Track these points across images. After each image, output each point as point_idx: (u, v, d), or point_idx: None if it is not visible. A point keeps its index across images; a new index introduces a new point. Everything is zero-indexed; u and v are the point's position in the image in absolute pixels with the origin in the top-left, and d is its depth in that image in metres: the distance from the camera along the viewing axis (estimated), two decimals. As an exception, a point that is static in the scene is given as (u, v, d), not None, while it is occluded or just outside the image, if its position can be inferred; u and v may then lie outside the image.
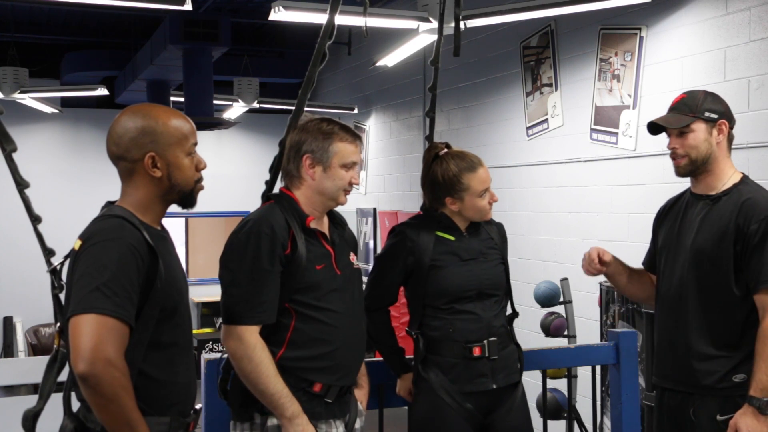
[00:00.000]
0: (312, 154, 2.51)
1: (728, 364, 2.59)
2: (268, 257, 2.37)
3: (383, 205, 8.72)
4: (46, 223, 2.53)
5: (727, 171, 2.69)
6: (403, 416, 3.15)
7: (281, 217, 2.45)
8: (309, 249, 2.45)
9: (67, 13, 8.74)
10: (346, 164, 2.52)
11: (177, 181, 2.11)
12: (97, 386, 1.84)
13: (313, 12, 4.31)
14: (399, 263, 2.81)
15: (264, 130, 10.89)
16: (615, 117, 5.28)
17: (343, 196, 2.56)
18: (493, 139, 6.51)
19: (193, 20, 7.18)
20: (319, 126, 2.54)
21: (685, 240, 2.69)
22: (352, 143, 2.54)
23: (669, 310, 2.73)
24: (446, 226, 2.85)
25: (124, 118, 2.10)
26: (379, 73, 8.32)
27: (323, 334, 2.45)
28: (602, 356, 3.25)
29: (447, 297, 2.76)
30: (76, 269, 1.95)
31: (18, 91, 7.36)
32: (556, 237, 5.90)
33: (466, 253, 2.81)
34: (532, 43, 6.12)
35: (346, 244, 2.64)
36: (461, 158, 2.85)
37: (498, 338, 2.78)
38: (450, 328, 2.75)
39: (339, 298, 2.49)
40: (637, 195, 5.13)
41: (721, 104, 2.70)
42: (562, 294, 4.90)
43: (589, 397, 3.52)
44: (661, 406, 2.79)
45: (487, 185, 2.82)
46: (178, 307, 2.09)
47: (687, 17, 4.74)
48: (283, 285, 2.41)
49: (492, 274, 2.83)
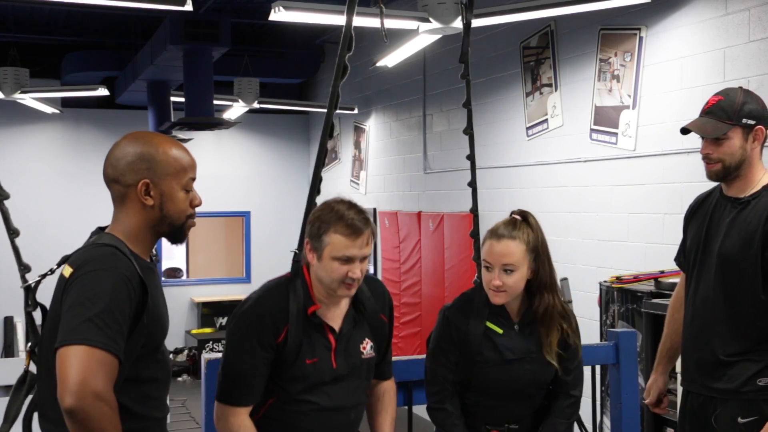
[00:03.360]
0: (311, 241, 2.39)
1: (753, 368, 2.55)
2: (256, 342, 2.34)
3: (383, 205, 8.72)
4: (47, 223, 2.54)
5: (758, 173, 2.61)
6: (403, 416, 3.15)
7: (283, 301, 2.38)
8: (304, 341, 2.38)
9: (67, 13, 8.74)
10: (338, 258, 2.33)
11: (169, 213, 2.05)
12: (85, 421, 1.77)
13: (313, 12, 4.31)
14: (449, 351, 2.63)
15: (264, 130, 10.90)
16: (615, 117, 5.28)
17: (343, 290, 2.36)
18: (493, 139, 6.51)
19: (193, 20, 7.18)
20: (323, 211, 2.40)
21: (713, 244, 2.63)
22: (351, 236, 2.33)
23: (695, 314, 2.68)
24: (496, 314, 2.63)
25: (125, 142, 2.06)
26: (379, 74, 8.33)
27: (298, 424, 2.41)
28: (602, 356, 3.25)
29: (483, 390, 2.62)
30: (67, 297, 1.89)
31: (19, 91, 7.35)
32: (556, 237, 5.90)
33: (510, 352, 2.60)
34: (532, 44, 6.12)
35: (362, 331, 2.50)
36: (493, 232, 2.63)
37: (522, 423, 2.66)
38: (474, 409, 2.65)
39: (326, 394, 2.42)
40: (636, 195, 5.14)
41: (758, 105, 2.60)
42: (562, 294, 4.90)
43: (589, 397, 3.52)
44: (685, 408, 2.76)
45: (494, 259, 2.56)
46: (160, 345, 2.06)
47: (686, 17, 4.75)
48: (272, 370, 2.38)
49: (537, 374, 2.62)
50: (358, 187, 9.33)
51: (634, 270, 4.63)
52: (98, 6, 6.34)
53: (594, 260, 5.49)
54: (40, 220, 9.43)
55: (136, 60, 8.74)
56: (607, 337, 3.50)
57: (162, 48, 7.51)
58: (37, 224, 9.02)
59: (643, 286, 4.30)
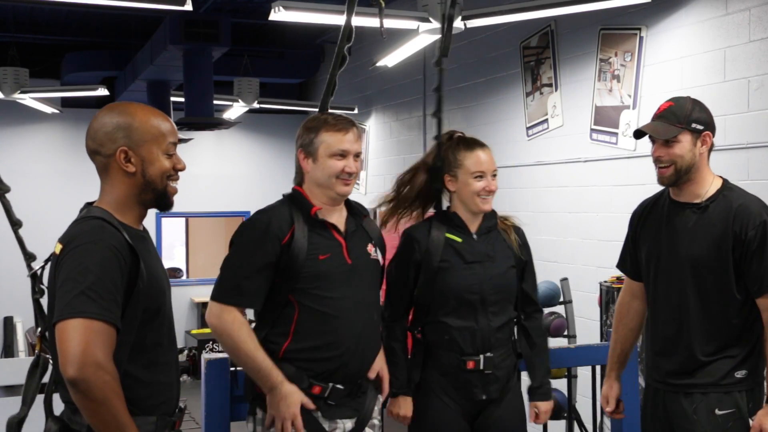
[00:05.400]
0: (303, 148, 2.56)
1: (731, 363, 2.64)
2: (255, 246, 2.44)
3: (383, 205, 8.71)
4: (46, 224, 2.54)
5: (708, 178, 2.72)
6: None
7: (285, 210, 2.51)
8: (313, 240, 2.48)
9: (67, 13, 8.74)
10: (334, 153, 2.52)
11: (152, 178, 2.07)
12: (87, 390, 1.83)
13: (313, 12, 4.31)
14: (409, 267, 2.82)
15: (264, 130, 10.89)
16: (615, 117, 5.28)
17: (341, 186, 2.54)
18: (493, 140, 6.47)
19: (193, 20, 7.18)
20: (312, 119, 2.59)
21: (679, 250, 2.70)
22: (341, 131, 2.53)
23: (668, 320, 2.74)
24: (456, 226, 2.84)
25: (102, 114, 2.10)
26: (379, 74, 8.32)
27: (327, 325, 2.47)
28: (602, 356, 3.25)
29: (448, 301, 2.75)
30: (59, 274, 1.93)
31: (18, 91, 7.36)
32: (556, 237, 5.90)
33: (470, 255, 2.79)
34: (532, 44, 6.12)
35: (365, 235, 2.65)
36: (466, 140, 2.90)
37: (496, 351, 2.78)
38: (447, 336, 2.77)
39: (347, 288, 2.51)
40: (636, 195, 5.09)
41: (706, 114, 2.72)
42: (562, 294, 4.90)
43: (589, 397, 3.52)
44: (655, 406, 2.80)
45: (482, 168, 2.82)
46: (161, 307, 2.09)
47: (687, 17, 4.74)
48: (285, 275, 2.45)
49: (498, 278, 2.81)
50: (358, 187, 9.33)
51: (634, 270, 4.62)
52: (98, 6, 6.34)
53: (594, 260, 5.49)
54: (40, 220, 9.39)
55: (135, 60, 8.74)
56: (607, 337, 3.50)
57: (162, 48, 7.51)
58: (36, 224, 8.99)
59: (643, 286, 4.29)
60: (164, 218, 10.61)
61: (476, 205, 2.83)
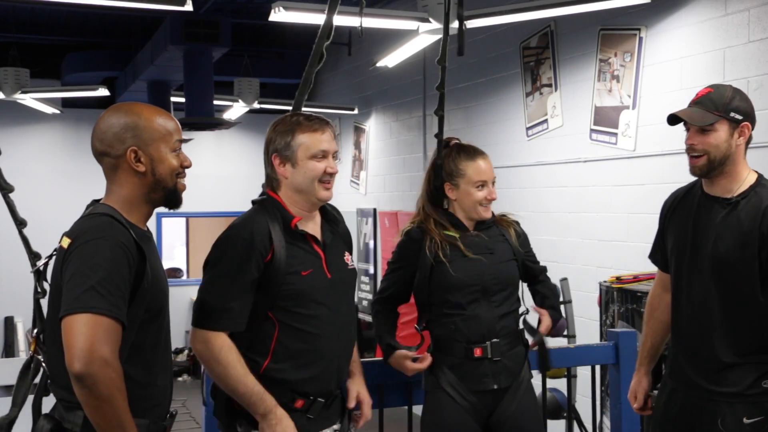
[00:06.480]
0: (279, 153, 2.46)
1: (757, 370, 2.52)
2: (241, 264, 2.33)
3: (383, 206, 8.72)
4: (47, 224, 2.54)
5: (743, 173, 2.58)
6: (403, 416, 3.16)
7: (263, 221, 2.39)
8: (294, 254, 2.38)
9: (68, 13, 8.74)
10: (314, 155, 2.42)
11: (162, 176, 2.08)
12: (93, 386, 1.82)
13: (313, 12, 4.31)
14: (407, 263, 2.84)
15: (264, 130, 10.64)
16: (614, 117, 5.29)
17: (322, 190, 2.44)
18: (493, 140, 6.51)
19: (193, 21, 7.19)
20: (283, 122, 2.50)
21: (704, 246, 2.58)
22: (317, 131, 2.43)
23: (691, 318, 2.63)
24: (452, 224, 2.86)
25: (108, 115, 2.11)
26: (379, 74, 8.33)
27: (308, 343, 2.40)
28: (602, 356, 3.25)
29: (450, 294, 2.77)
30: (67, 267, 1.92)
31: (19, 91, 7.36)
32: (555, 237, 5.91)
33: (470, 249, 2.81)
34: (532, 44, 6.12)
35: (341, 243, 2.57)
36: (466, 149, 2.92)
37: (503, 339, 2.79)
38: (452, 326, 2.78)
39: (327, 304, 2.43)
40: (636, 195, 5.14)
41: (747, 103, 2.58)
42: (561, 294, 4.90)
43: (589, 397, 3.52)
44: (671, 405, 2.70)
45: (484, 178, 2.86)
46: (162, 308, 2.09)
47: (686, 18, 4.75)
48: (265, 292, 2.36)
49: (499, 269, 2.83)
50: (358, 187, 9.33)
51: (634, 270, 4.63)
52: (98, 6, 6.34)
53: (594, 260, 5.49)
54: (40, 220, 9.39)
55: (136, 60, 8.75)
56: (607, 337, 3.50)
57: (162, 48, 7.52)
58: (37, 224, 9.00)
59: (643, 286, 4.30)
60: (165, 218, 10.62)
61: (477, 213, 2.86)
